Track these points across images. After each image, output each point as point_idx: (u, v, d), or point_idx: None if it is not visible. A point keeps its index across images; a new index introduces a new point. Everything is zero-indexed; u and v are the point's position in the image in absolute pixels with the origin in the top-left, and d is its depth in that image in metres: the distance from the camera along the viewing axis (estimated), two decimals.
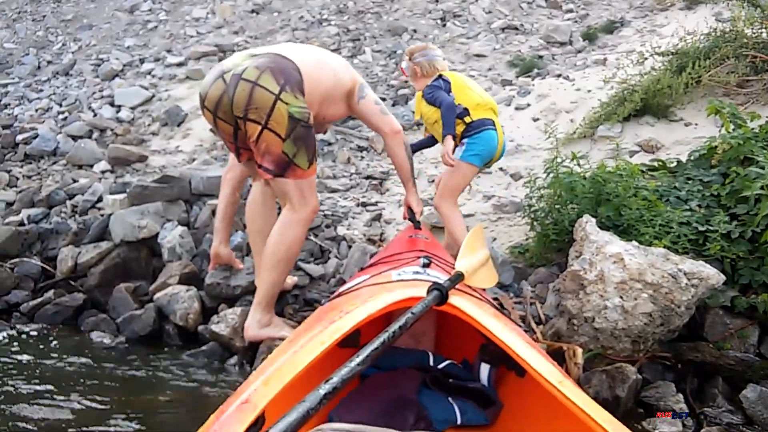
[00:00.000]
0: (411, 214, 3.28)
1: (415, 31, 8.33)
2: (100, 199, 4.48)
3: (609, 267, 2.94)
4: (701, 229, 3.30)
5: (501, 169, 5.23)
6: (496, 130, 3.54)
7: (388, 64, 7.57)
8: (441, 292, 1.54)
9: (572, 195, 3.55)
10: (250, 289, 3.41)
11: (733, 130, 3.87)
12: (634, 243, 3.07)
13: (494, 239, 3.96)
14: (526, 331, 3.13)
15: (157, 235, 3.98)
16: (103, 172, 5.17)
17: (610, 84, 6.02)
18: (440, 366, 1.99)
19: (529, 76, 6.80)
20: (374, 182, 5.07)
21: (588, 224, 3.25)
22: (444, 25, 8.58)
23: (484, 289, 2.63)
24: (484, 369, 1.99)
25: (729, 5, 6.20)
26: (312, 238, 4.05)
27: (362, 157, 5.58)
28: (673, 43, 6.05)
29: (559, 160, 3.66)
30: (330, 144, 5.73)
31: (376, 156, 5.60)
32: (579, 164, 3.72)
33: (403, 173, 3.28)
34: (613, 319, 2.83)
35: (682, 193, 3.68)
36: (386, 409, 1.77)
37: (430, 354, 2.03)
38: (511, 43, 7.91)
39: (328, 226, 4.22)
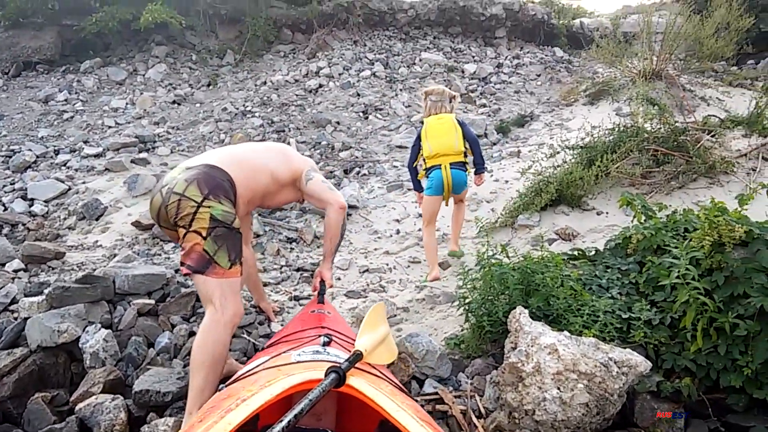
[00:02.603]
0: (322, 286, 3.44)
1: (338, 123, 8.57)
2: (14, 301, 4.19)
3: (545, 358, 3.00)
4: (624, 316, 3.45)
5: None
6: (441, 169, 4.90)
7: (312, 154, 7.70)
8: (339, 375, 1.57)
9: (503, 286, 3.66)
10: (181, 395, 3.25)
11: (645, 220, 4.14)
12: (566, 333, 3.16)
13: (432, 333, 3.99)
14: (468, 423, 3.14)
15: (78, 339, 3.75)
16: (16, 271, 4.87)
17: (526, 175, 6.38)
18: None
19: None
20: (305, 274, 5.04)
21: (522, 315, 3.33)
22: (366, 118, 8.89)
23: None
24: None
25: (629, 102, 6.80)
26: (245, 335, 3.94)
27: (292, 249, 5.56)
28: (580, 136, 6.52)
29: (489, 252, 3.79)
30: (258, 236, 5.68)
31: (306, 247, 5.60)
32: (508, 255, 3.86)
33: (331, 245, 3.47)
34: (553, 411, 2.87)
35: (603, 281, 3.85)
36: None
37: None
38: None
39: (261, 323, 4.13)
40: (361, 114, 9.01)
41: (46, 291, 3.98)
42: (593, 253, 4.35)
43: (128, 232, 5.70)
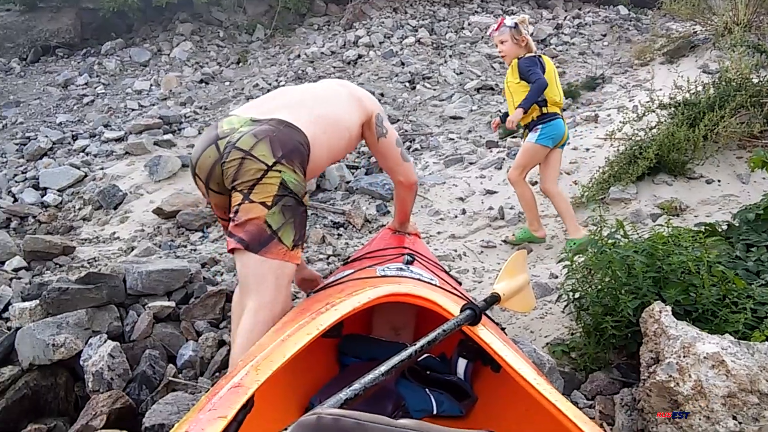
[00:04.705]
0: None
1: (382, 94, 7.68)
2: (8, 307, 3.44)
3: (707, 374, 2.16)
4: None
5: (505, 241, 4.42)
6: (562, 119, 4.21)
7: None
8: (475, 312, 1.56)
9: (629, 275, 2.73)
10: None
11: None
12: (730, 337, 2.29)
13: (529, 338, 3.06)
14: None
15: (79, 354, 2.96)
16: (16, 270, 4.12)
17: (609, 141, 5.41)
18: (419, 359, 2.08)
19: (515, 137, 6.12)
20: None
21: (664, 314, 2.47)
22: (413, 88, 7.97)
23: (459, 283, 2.92)
24: (461, 363, 2.08)
25: (731, 51, 5.70)
26: None
27: (339, 235, 4.68)
28: (670, 95, 5.50)
29: (605, 231, 2.86)
30: None
31: (356, 233, 4.72)
32: (626, 234, 2.92)
33: (403, 217, 3.16)
34: None
35: (750, 264, 2.96)
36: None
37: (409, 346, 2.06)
38: (488, 103, 7.31)
39: None
40: (407, 84, 8.09)
41: (43, 294, 3.20)
42: (725, 228, 3.42)
43: (149, 222, 4.91)
